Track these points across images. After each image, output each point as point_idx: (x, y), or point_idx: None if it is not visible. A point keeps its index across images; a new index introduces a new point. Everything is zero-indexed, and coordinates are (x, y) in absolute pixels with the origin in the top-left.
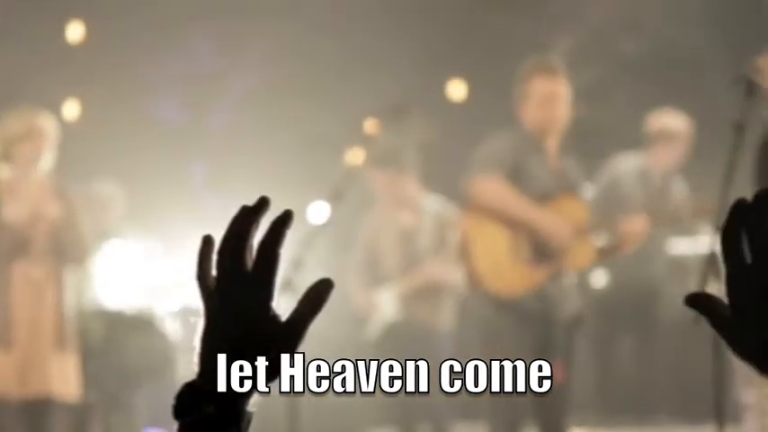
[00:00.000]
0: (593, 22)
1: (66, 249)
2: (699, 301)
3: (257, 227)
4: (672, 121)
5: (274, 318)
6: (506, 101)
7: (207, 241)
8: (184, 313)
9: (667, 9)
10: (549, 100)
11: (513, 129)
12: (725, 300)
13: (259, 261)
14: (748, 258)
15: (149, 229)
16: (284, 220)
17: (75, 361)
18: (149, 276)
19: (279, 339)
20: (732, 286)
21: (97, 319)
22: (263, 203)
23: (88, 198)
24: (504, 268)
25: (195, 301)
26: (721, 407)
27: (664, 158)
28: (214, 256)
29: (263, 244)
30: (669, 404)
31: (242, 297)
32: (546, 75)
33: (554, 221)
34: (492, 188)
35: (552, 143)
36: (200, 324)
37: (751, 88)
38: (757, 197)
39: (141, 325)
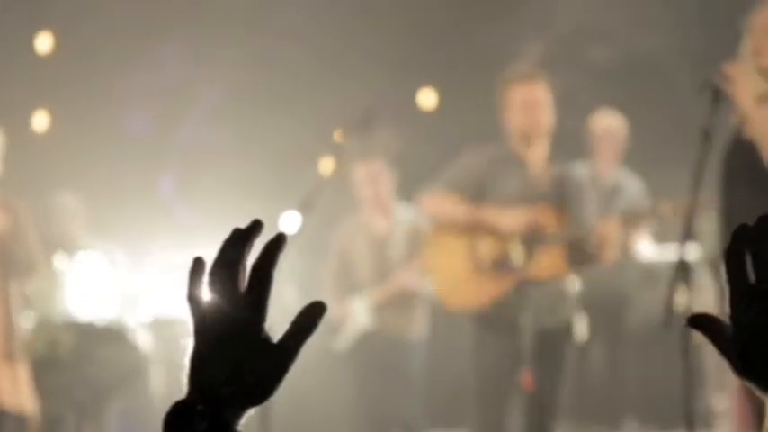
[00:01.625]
0: (562, 31)
1: (13, 262)
2: (701, 322)
3: (250, 249)
4: (612, 121)
5: (266, 340)
6: (477, 109)
7: (198, 262)
8: (155, 325)
9: (636, 17)
10: (530, 106)
11: (487, 144)
12: (725, 319)
13: (252, 283)
14: (751, 280)
15: (120, 240)
16: (278, 243)
17: (26, 373)
18: (120, 288)
19: (270, 361)
20: (735, 307)
21: (68, 330)
22: (256, 226)
23: (57, 209)
24: (460, 283)
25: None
26: (691, 413)
27: (608, 159)
28: (205, 278)
29: (256, 266)
30: (640, 410)
31: (234, 318)
32: (525, 81)
33: (501, 215)
34: (433, 202)
35: (537, 151)
36: (190, 343)
37: (717, 95)
38: (760, 221)
39: (112, 337)
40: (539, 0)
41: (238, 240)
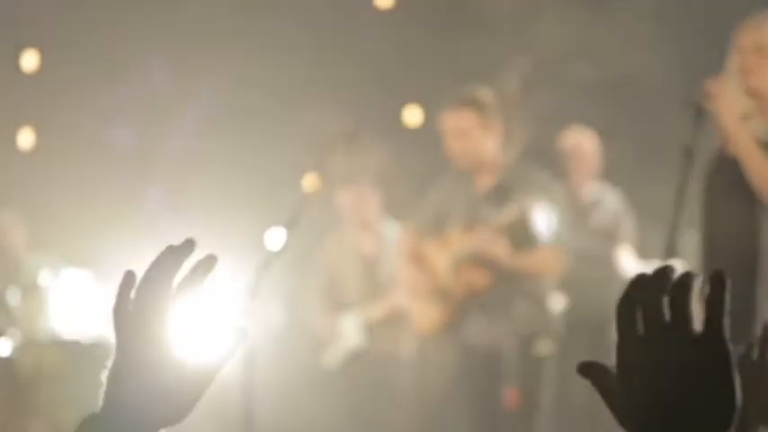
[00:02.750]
0: (547, 49)
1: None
2: (588, 371)
3: (179, 268)
4: (581, 139)
5: (184, 363)
6: None
7: (129, 276)
8: None
9: (619, 35)
10: (457, 135)
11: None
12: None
13: (178, 303)
14: (640, 331)
15: (105, 255)
16: (207, 266)
17: None
18: (105, 304)
19: (189, 382)
20: (621, 357)
21: (53, 348)
22: (188, 245)
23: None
24: (424, 306)
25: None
26: None
27: (581, 176)
28: (133, 293)
29: (183, 284)
30: (623, 428)
31: (155, 338)
32: (453, 109)
33: (429, 261)
34: (402, 240)
35: (483, 179)
36: (111, 357)
37: (700, 113)
38: (656, 273)
39: (97, 354)
40: (523, 17)
41: (170, 258)
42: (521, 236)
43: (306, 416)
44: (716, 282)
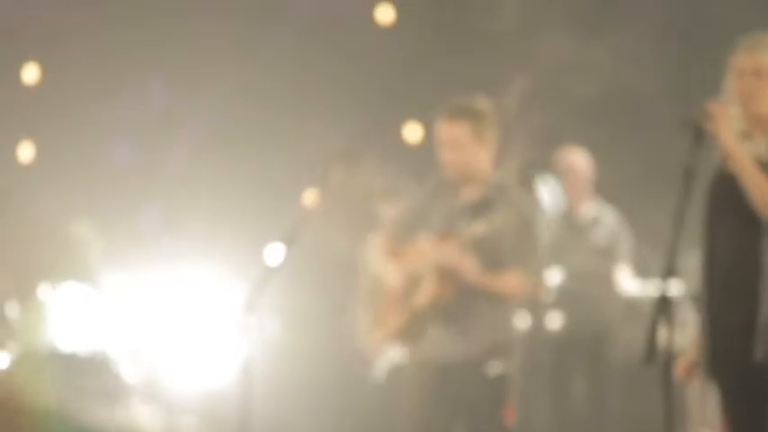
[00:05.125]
0: (545, 66)
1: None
2: None
3: None
4: (574, 158)
5: None
6: None
7: None
8: (139, 356)
9: (618, 53)
10: (449, 145)
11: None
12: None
13: None
14: None
15: (103, 271)
16: None
17: None
18: (104, 319)
19: None
20: None
21: (51, 361)
22: None
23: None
24: (387, 312)
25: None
26: None
27: (576, 195)
28: None
29: None
30: None
31: None
32: (445, 121)
33: (389, 271)
34: (374, 251)
35: (469, 191)
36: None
37: (699, 132)
38: None
39: (95, 368)
40: (522, 35)
41: None
42: (488, 252)
43: (303, 429)
44: None
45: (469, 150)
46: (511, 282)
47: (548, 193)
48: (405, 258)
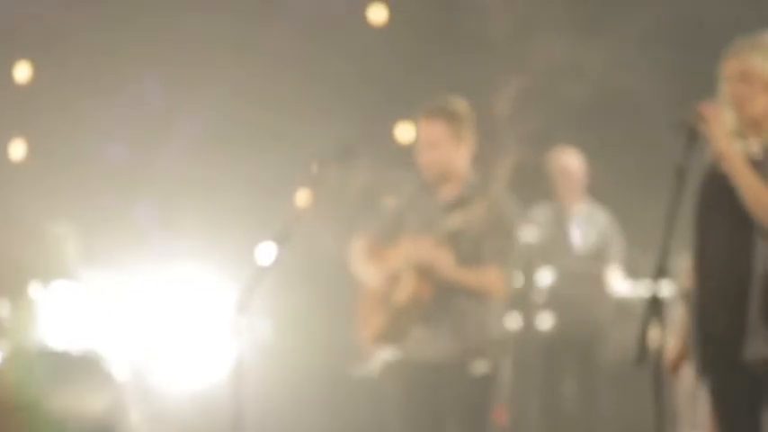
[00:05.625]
0: (538, 68)
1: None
2: None
3: None
4: (567, 159)
5: None
6: None
7: None
8: (130, 355)
9: (610, 56)
10: (427, 145)
11: (406, 175)
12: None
13: None
14: None
15: (96, 269)
16: None
17: None
18: (95, 317)
19: None
20: None
21: (41, 359)
22: None
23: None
24: (370, 313)
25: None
26: None
27: (569, 196)
28: None
29: None
30: None
31: None
32: (425, 120)
33: (371, 271)
34: (354, 253)
35: (447, 190)
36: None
37: (692, 133)
38: None
39: (87, 366)
40: (516, 36)
41: None
42: (465, 247)
43: (295, 428)
44: None
45: (447, 150)
46: (488, 277)
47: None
48: (385, 259)
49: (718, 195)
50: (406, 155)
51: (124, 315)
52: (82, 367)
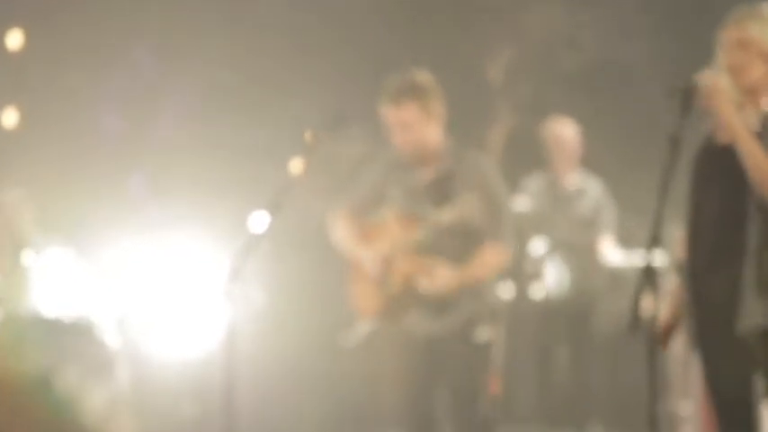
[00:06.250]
0: (532, 38)
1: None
2: None
3: None
4: (562, 129)
5: None
6: (449, 113)
7: None
8: (123, 322)
9: (605, 25)
10: (399, 128)
11: (389, 148)
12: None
13: None
14: None
15: (90, 237)
16: None
17: None
18: (88, 285)
19: None
20: None
21: (35, 326)
22: None
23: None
24: (365, 292)
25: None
26: (656, 418)
27: (563, 166)
28: None
29: None
30: (605, 415)
31: None
32: (392, 104)
33: (366, 254)
34: (333, 227)
35: (424, 170)
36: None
37: (686, 102)
38: None
39: (80, 333)
40: (511, 6)
41: None
42: (460, 237)
43: (287, 398)
44: None
45: (420, 129)
46: (488, 260)
47: (553, 273)
48: (372, 239)
49: (714, 166)
50: None
51: (118, 283)
52: (74, 335)
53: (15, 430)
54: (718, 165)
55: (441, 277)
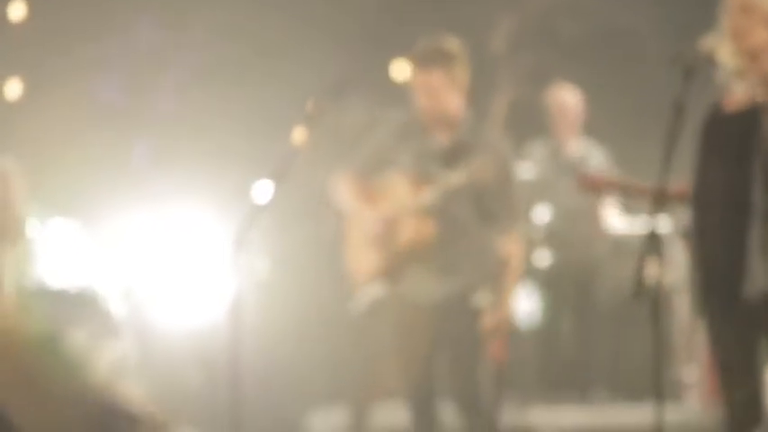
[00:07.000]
0: (534, 6)
1: (3, 227)
2: None
3: None
4: (565, 96)
5: None
6: None
7: None
8: (129, 293)
9: None
10: (426, 92)
11: (398, 113)
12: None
13: None
14: None
15: (94, 208)
16: None
17: None
18: (93, 256)
19: None
20: None
21: (39, 298)
22: None
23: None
24: (360, 255)
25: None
26: (660, 384)
27: (566, 133)
28: None
29: None
30: (609, 381)
31: None
32: (419, 68)
33: (369, 214)
34: (338, 189)
35: (441, 135)
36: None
37: (690, 68)
38: None
39: (85, 304)
40: None
41: None
42: (470, 202)
43: (291, 366)
44: None
45: (444, 96)
46: (514, 253)
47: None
48: (375, 200)
49: (720, 133)
50: (401, 93)
51: (122, 254)
52: (79, 305)
53: (24, 393)
54: (725, 131)
55: (503, 314)
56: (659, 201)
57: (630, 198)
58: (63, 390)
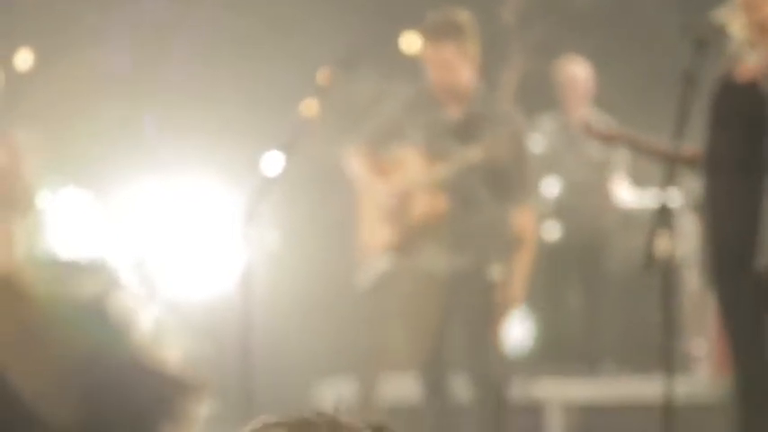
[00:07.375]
0: None
1: (13, 198)
2: None
3: None
4: (575, 68)
5: None
6: None
7: None
8: (139, 264)
9: None
10: (438, 65)
11: (410, 86)
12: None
13: None
14: None
15: (103, 179)
16: None
17: None
18: (103, 226)
19: None
20: None
21: (50, 268)
22: None
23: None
24: (373, 229)
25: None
26: (669, 357)
27: (575, 106)
28: None
29: None
30: (618, 354)
31: None
32: (430, 42)
33: (383, 188)
34: (350, 162)
35: (452, 109)
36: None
37: (702, 40)
38: None
39: (96, 275)
40: None
41: None
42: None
43: (302, 339)
44: None
45: (456, 69)
46: (528, 229)
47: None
48: (387, 173)
49: (732, 104)
50: (411, 65)
51: (133, 226)
52: (90, 275)
53: (68, 363)
54: (737, 103)
55: (516, 290)
56: (671, 163)
57: (641, 154)
58: (108, 356)
